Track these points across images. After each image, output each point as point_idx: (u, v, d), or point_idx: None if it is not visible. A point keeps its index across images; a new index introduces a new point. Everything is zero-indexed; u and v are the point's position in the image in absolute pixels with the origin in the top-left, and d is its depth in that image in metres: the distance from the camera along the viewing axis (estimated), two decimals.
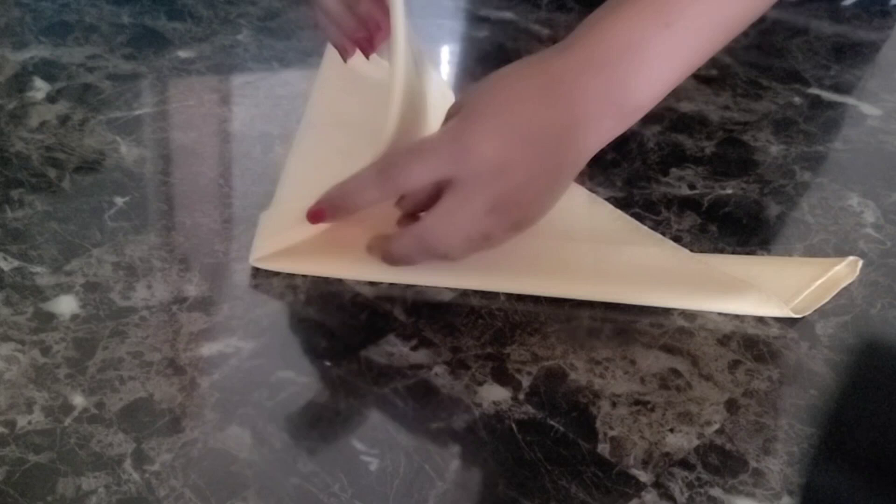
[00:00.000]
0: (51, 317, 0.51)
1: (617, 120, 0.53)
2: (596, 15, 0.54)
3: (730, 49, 0.77)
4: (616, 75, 0.52)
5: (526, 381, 0.50)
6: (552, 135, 0.51)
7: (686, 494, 0.45)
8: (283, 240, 0.55)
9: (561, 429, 0.48)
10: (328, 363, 0.50)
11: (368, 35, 0.62)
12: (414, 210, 0.54)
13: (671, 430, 0.48)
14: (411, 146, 0.52)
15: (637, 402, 0.49)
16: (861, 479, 0.47)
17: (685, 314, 0.55)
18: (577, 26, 0.54)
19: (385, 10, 0.58)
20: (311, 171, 0.59)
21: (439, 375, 0.50)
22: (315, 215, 0.53)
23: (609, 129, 0.53)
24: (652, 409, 0.49)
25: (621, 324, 0.54)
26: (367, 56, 0.63)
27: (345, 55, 0.64)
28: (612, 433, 0.48)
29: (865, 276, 0.58)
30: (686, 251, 0.58)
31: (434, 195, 0.52)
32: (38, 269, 0.54)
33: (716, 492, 0.45)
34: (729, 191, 0.64)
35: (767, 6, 0.57)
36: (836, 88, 0.76)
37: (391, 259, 0.54)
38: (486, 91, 0.53)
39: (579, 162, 0.54)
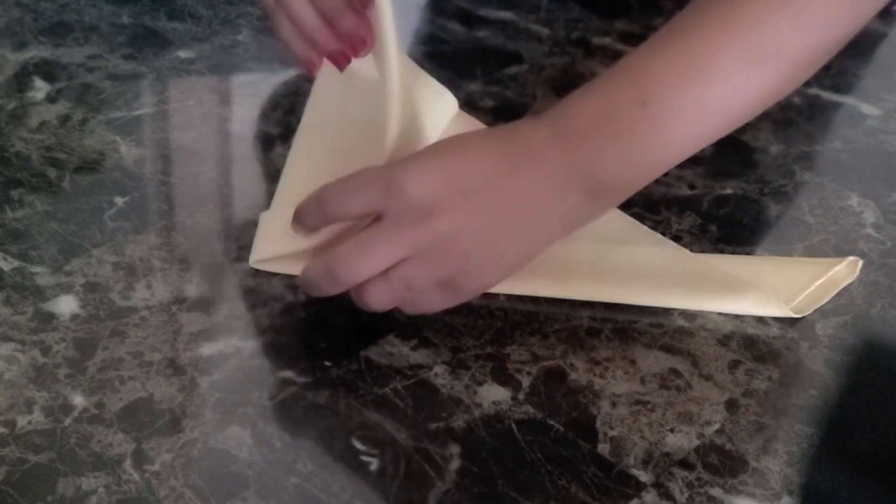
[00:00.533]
0: (51, 317, 0.51)
1: (584, 198, 0.51)
2: (575, 92, 0.52)
3: None
4: (583, 150, 0.50)
5: (526, 381, 0.50)
6: (504, 197, 0.49)
7: (686, 494, 0.45)
8: (284, 245, 0.54)
9: (561, 429, 0.48)
10: (328, 363, 0.50)
11: (346, 49, 0.60)
12: None
13: (671, 430, 0.48)
14: (350, 175, 0.50)
15: (637, 402, 0.49)
16: (861, 479, 0.47)
17: (685, 314, 0.55)
18: (561, 101, 0.52)
19: (368, 26, 0.57)
20: (311, 171, 0.59)
21: (439, 375, 0.50)
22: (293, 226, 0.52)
23: (574, 208, 0.51)
24: (652, 409, 0.49)
25: (621, 324, 0.54)
26: (341, 70, 0.61)
27: (312, 70, 0.62)
28: (612, 433, 0.48)
29: (865, 276, 0.58)
30: (686, 251, 0.58)
31: None
32: (38, 269, 0.54)
33: (716, 492, 0.45)
34: (729, 191, 0.64)
35: (769, 101, 0.53)
36: (836, 88, 0.76)
37: (301, 285, 0.51)
38: (443, 140, 0.51)
39: (535, 236, 0.51)
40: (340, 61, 0.61)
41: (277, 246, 0.54)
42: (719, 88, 0.51)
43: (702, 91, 0.50)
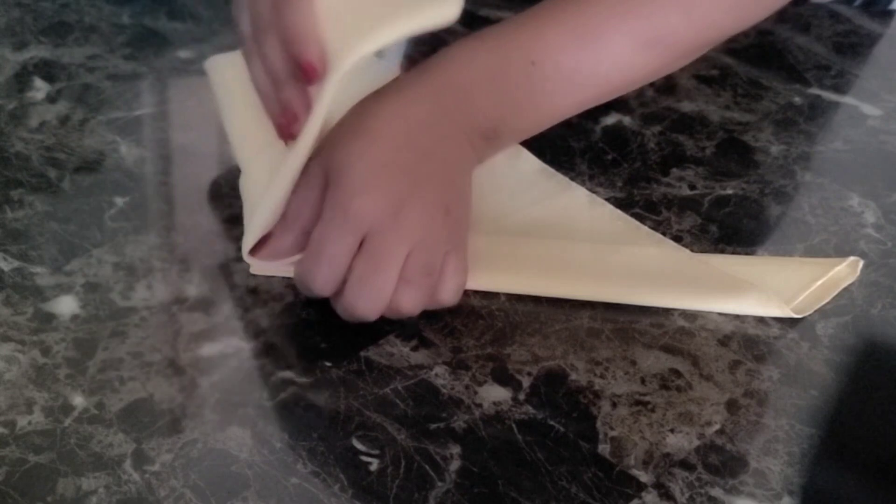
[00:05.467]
0: (51, 317, 0.51)
1: (483, 139, 0.54)
2: (464, 41, 0.55)
3: (730, 49, 0.77)
4: (474, 99, 0.53)
5: (526, 382, 0.50)
6: (422, 155, 0.51)
7: (686, 495, 0.45)
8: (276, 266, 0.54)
9: (561, 429, 0.48)
10: (328, 363, 0.50)
11: (283, 119, 0.53)
12: None
13: (671, 431, 0.48)
14: (312, 247, 0.50)
15: (637, 403, 0.49)
16: (861, 479, 0.47)
17: (685, 314, 0.55)
18: (437, 53, 0.55)
19: (306, 101, 0.51)
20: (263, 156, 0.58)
21: (439, 376, 0.50)
22: None
23: (478, 144, 0.54)
24: (652, 410, 0.49)
25: (622, 324, 0.54)
26: (284, 141, 0.54)
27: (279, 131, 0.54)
28: (612, 433, 0.48)
29: (866, 277, 0.58)
30: (687, 251, 0.58)
31: None
32: (38, 269, 0.54)
33: (716, 492, 0.45)
34: (729, 191, 0.64)
35: (649, 79, 0.58)
36: (837, 88, 0.75)
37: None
38: (350, 142, 0.51)
39: (463, 167, 0.54)
40: (283, 134, 0.54)
41: (269, 266, 0.54)
42: (606, 62, 0.55)
43: (590, 61, 0.55)
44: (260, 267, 0.54)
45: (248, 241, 0.53)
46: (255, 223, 0.53)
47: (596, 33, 0.54)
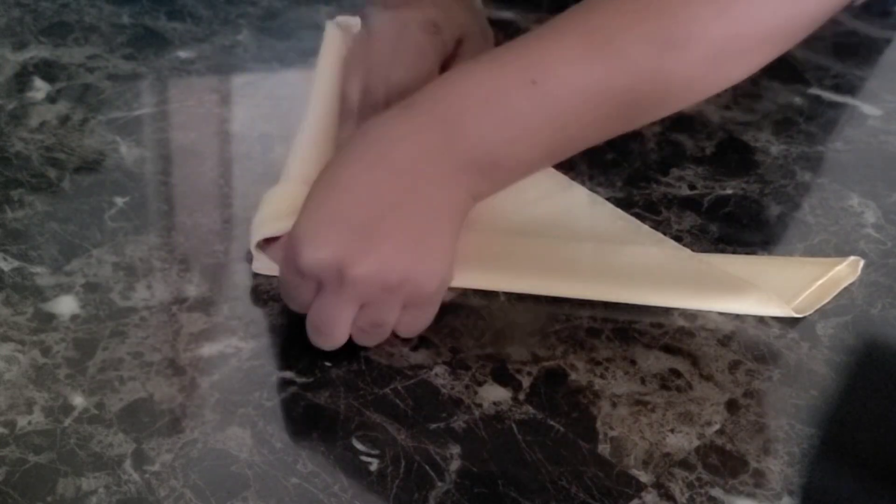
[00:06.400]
0: (51, 317, 0.51)
1: (478, 175, 0.49)
2: (457, 69, 0.50)
3: None
4: (466, 129, 0.48)
5: (526, 382, 0.50)
6: (400, 208, 0.47)
7: (686, 495, 0.45)
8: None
9: (561, 429, 0.48)
10: (328, 363, 0.50)
11: None
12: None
13: (671, 431, 0.48)
14: (281, 276, 0.50)
15: (637, 403, 0.49)
16: (861, 479, 0.47)
17: (685, 314, 0.55)
18: (431, 82, 0.50)
19: None
20: (314, 154, 0.59)
21: (439, 376, 0.50)
22: None
23: (471, 185, 0.49)
24: (652, 410, 0.49)
25: (622, 324, 0.54)
26: None
27: None
28: (612, 433, 0.48)
29: (866, 277, 0.58)
30: (687, 251, 0.58)
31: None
32: (38, 269, 0.54)
33: (716, 492, 0.45)
34: (729, 191, 0.64)
35: (697, 90, 0.50)
36: (837, 88, 0.76)
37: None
38: (318, 188, 0.48)
39: (447, 219, 0.49)
40: None
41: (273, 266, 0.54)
42: (622, 71, 0.47)
43: (603, 73, 0.47)
44: (261, 266, 0.54)
45: (256, 236, 0.54)
46: (270, 227, 0.53)
47: (606, 40, 0.47)
